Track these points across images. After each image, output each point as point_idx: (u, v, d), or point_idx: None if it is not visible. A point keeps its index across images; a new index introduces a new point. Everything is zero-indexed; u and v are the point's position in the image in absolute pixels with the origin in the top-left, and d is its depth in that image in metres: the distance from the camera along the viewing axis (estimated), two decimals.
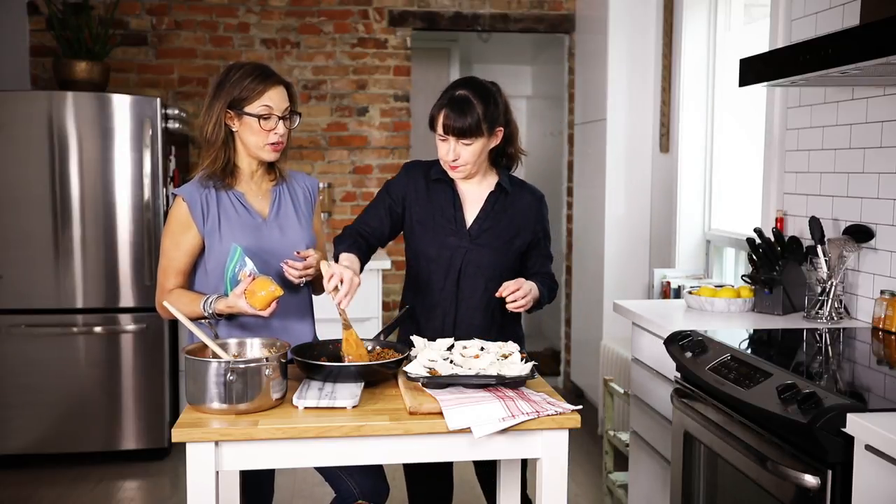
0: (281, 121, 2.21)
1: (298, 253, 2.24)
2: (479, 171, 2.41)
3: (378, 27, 5.03)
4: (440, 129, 2.30)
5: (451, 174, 2.38)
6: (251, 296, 2.06)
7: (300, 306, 2.34)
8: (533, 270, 2.47)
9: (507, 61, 6.64)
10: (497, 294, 2.27)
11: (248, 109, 2.18)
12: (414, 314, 2.47)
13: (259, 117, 2.18)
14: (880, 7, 2.15)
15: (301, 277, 2.23)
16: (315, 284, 2.42)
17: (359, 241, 2.39)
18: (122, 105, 3.99)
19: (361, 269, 2.33)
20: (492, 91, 2.35)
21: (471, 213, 2.42)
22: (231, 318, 2.23)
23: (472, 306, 2.39)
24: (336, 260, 2.27)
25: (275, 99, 2.20)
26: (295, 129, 2.31)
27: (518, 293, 2.25)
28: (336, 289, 2.09)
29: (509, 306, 2.27)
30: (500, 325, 2.43)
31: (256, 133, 2.20)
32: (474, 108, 2.27)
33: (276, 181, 2.34)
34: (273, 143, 2.22)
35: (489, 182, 2.44)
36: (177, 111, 4.24)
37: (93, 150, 3.98)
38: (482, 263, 2.39)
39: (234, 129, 2.23)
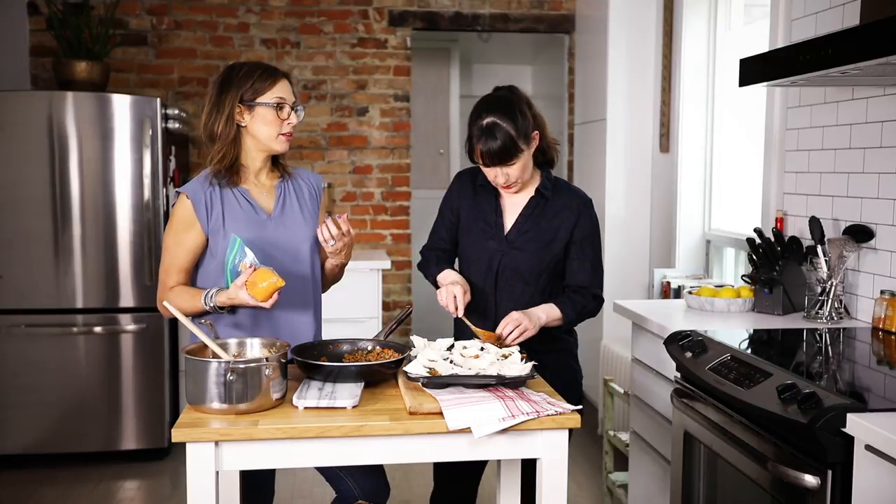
0: (293, 111, 2.26)
1: (339, 216, 2.22)
2: (531, 178, 2.44)
3: (378, 27, 5.03)
4: (481, 162, 2.34)
5: (507, 193, 2.44)
6: (252, 287, 2.06)
7: (303, 298, 2.32)
8: (567, 281, 2.47)
9: (507, 61, 6.64)
10: (497, 332, 2.27)
11: (261, 100, 2.21)
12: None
13: (276, 107, 2.22)
14: (880, 7, 2.15)
15: (332, 241, 2.19)
16: (327, 279, 2.43)
17: (440, 255, 2.54)
18: (122, 105, 3.99)
19: None
20: (513, 101, 2.34)
21: (510, 218, 2.46)
22: (232, 310, 2.23)
23: (509, 308, 2.38)
24: (435, 282, 2.47)
25: (284, 91, 2.26)
26: (300, 122, 2.33)
27: (515, 332, 2.25)
28: (456, 307, 2.32)
29: (507, 340, 2.27)
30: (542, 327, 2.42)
31: (270, 123, 2.22)
32: (505, 131, 2.27)
33: (280, 177, 2.34)
34: (286, 133, 2.26)
35: (531, 187, 2.46)
36: (177, 111, 4.24)
37: (93, 150, 3.98)
38: (518, 267, 2.42)
39: (243, 125, 2.23)
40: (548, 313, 2.36)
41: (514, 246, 2.43)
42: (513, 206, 2.46)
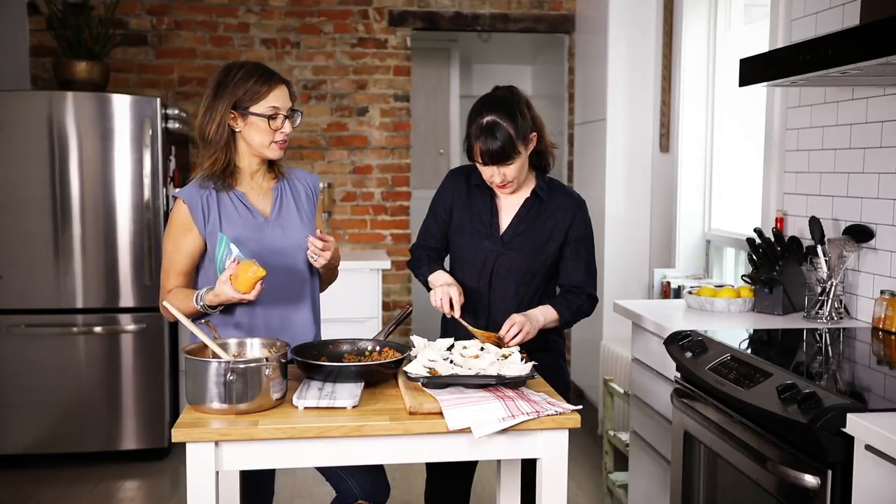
0: (287, 120, 2.23)
1: (320, 232, 2.26)
2: (526, 179, 2.44)
3: (378, 27, 5.03)
4: (479, 161, 2.34)
5: (501, 192, 2.44)
6: (235, 280, 2.06)
7: (301, 298, 2.33)
8: (561, 281, 2.48)
9: (507, 61, 6.64)
10: (499, 334, 2.27)
11: (254, 110, 2.19)
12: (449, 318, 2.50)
13: (268, 118, 2.19)
14: (880, 7, 2.15)
15: (318, 256, 2.22)
16: (321, 280, 2.43)
17: (432, 255, 2.53)
18: (122, 105, 3.99)
19: None
20: (513, 102, 2.35)
21: (506, 218, 2.46)
22: (226, 310, 2.22)
23: (503, 309, 2.41)
24: (426, 283, 2.46)
25: (279, 98, 2.22)
26: (296, 127, 2.31)
27: (518, 336, 2.25)
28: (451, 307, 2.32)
29: (508, 342, 2.27)
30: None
31: (263, 132, 2.21)
32: (505, 131, 2.28)
33: (276, 179, 2.34)
34: (279, 142, 2.24)
35: (527, 188, 2.46)
36: (177, 111, 4.24)
37: (93, 150, 3.98)
38: (513, 267, 2.42)
39: (237, 130, 2.23)
40: (545, 315, 2.37)
41: (510, 247, 2.43)
42: (509, 207, 2.47)
